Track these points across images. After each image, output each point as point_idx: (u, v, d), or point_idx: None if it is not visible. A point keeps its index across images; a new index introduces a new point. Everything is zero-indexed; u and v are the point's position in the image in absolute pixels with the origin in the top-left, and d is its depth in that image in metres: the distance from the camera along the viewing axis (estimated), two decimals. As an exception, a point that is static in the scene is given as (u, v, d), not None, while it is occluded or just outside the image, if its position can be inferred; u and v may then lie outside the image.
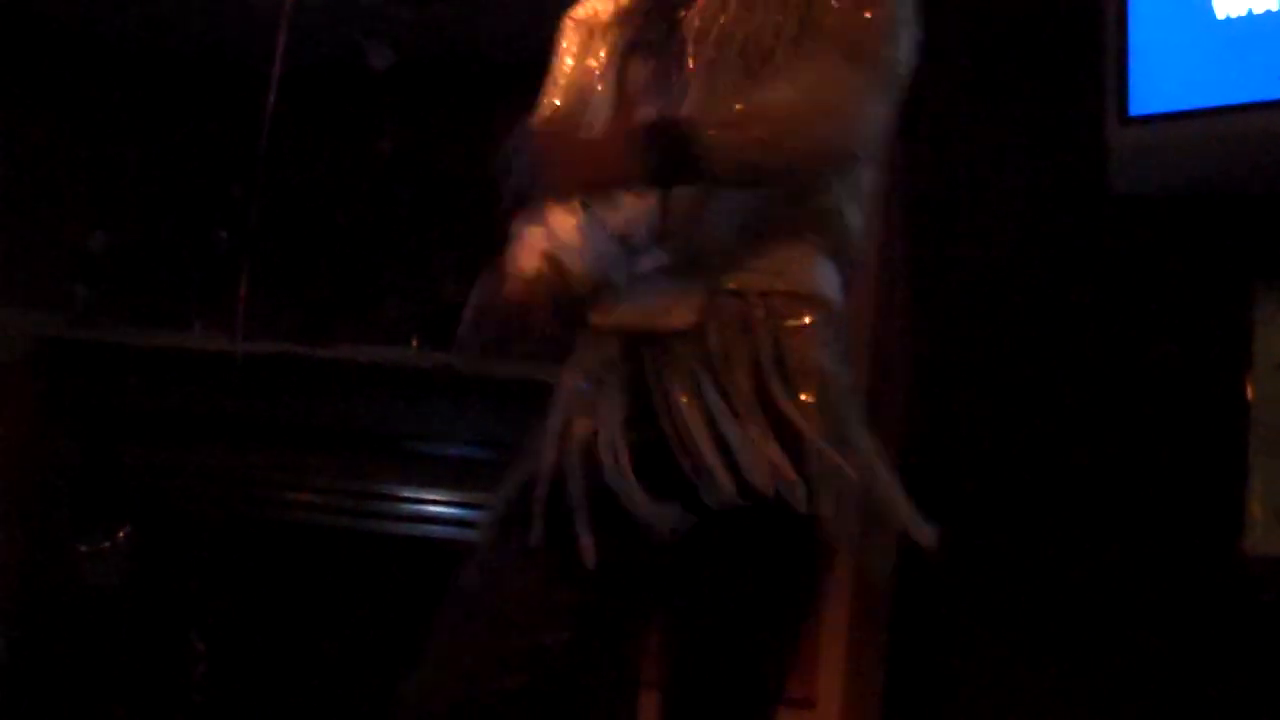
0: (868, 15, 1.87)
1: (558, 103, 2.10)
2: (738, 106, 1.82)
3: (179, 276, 4.00)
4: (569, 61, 2.12)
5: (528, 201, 1.97)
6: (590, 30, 2.11)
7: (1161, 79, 3.25)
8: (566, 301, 2.01)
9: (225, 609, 4.01)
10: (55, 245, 4.02)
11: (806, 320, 1.91)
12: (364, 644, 4.04)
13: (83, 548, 3.81)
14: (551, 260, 2.01)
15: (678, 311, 1.91)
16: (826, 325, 1.94)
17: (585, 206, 1.98)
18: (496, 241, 3.88)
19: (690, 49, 1.93)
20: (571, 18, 2.14)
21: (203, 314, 3.94)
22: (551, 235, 2.02)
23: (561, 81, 2.13)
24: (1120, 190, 3.40)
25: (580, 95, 2.07)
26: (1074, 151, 3.58)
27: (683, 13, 1.96)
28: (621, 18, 2.06)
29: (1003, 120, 3.77)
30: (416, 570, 4.06)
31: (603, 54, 2.07)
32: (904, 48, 1.91)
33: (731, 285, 1.91)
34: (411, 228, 4.00)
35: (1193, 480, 3.46)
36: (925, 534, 1.87)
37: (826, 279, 1.97)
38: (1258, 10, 3.14)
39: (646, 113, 1.89)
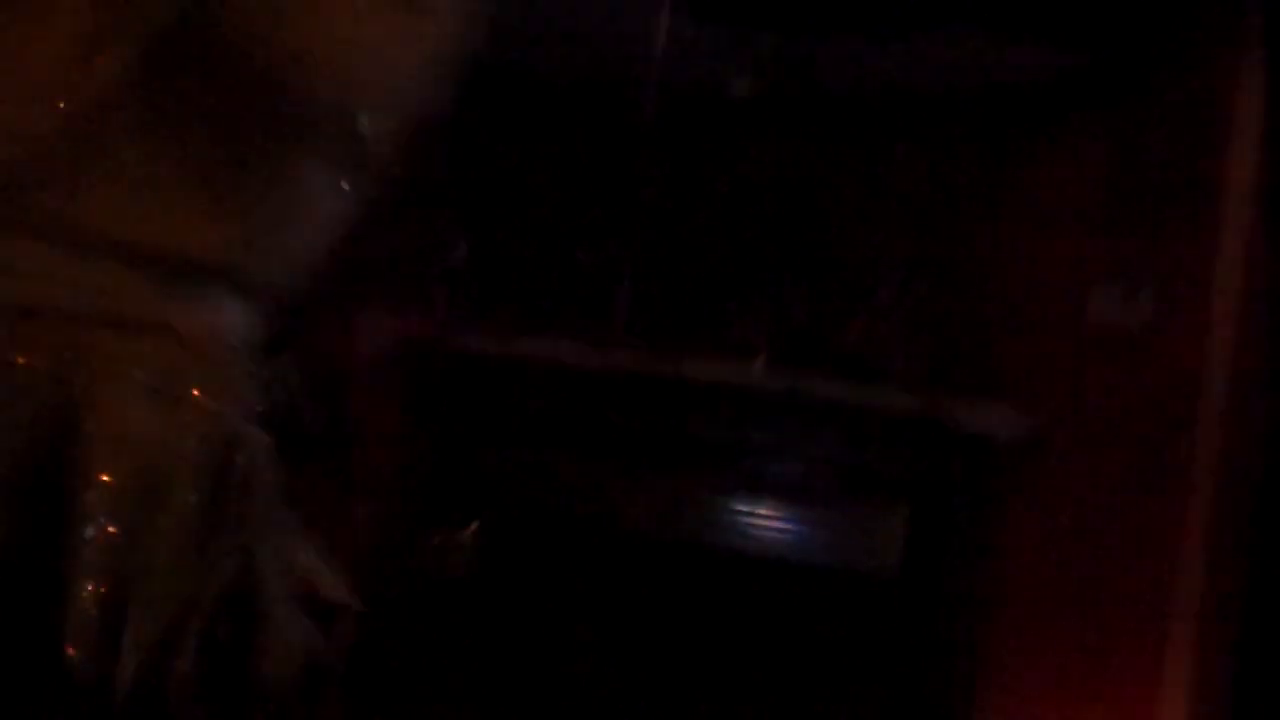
0: None
1: None
2: None
3: (537, 289, 4.14)
4: None
5: None
6: None
7: None
8: None
9: (565, 611, 4.16)
10: (421, 252, 4.20)
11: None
12: (696, 655, 4.15)
13: (434, 540, 3.98)
14: None
15: None
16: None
17: None
18: (848, 270, 3.96)
19: None
20: None
21: (560, 326, 4.07)
22: None
23: None
24: None
25: None
26: None
27: None
28: None
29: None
30: (750, 585, 4.15)
31: None
32: None
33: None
34: (767, 250, 4.07)
35: None
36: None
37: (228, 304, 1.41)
38: None
39: None
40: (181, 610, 1.27)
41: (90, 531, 1.22)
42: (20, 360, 1.24)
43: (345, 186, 1.53)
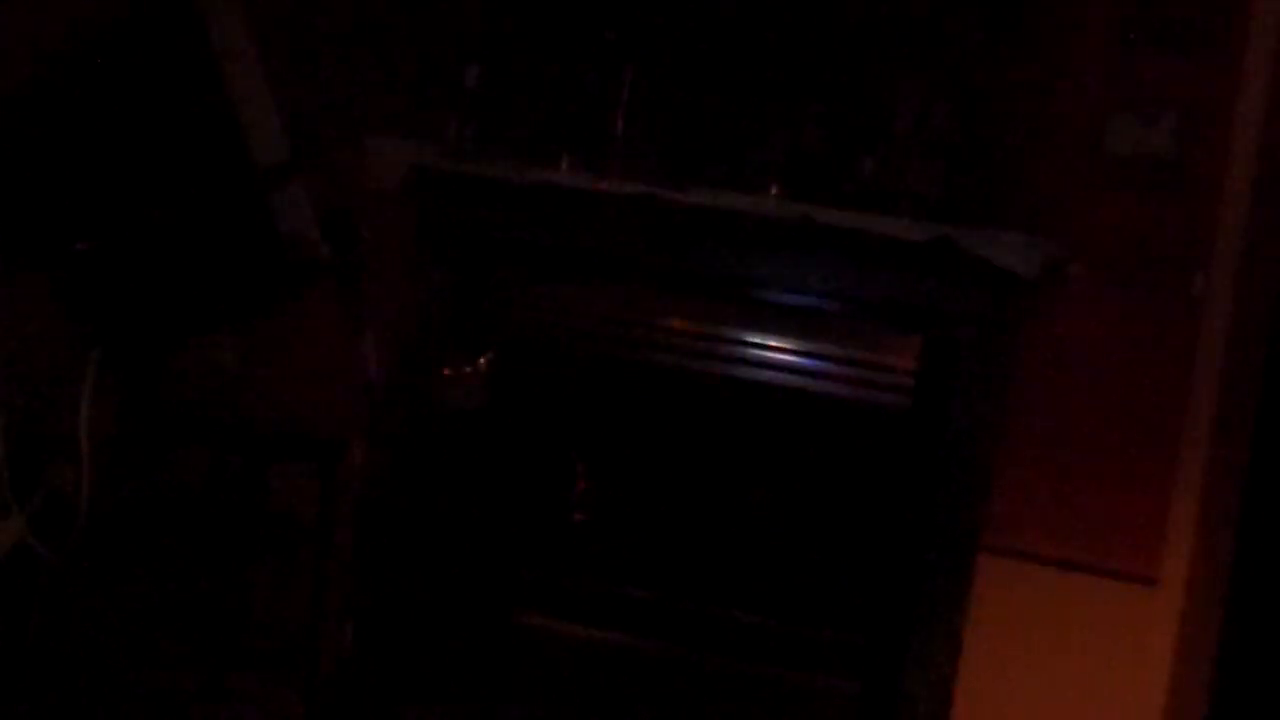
0: None
1: None
2: None
3: (550, 113, 4.09)
4: None
5: None
6: None
7: None
8: None
9: (580, 437, 4.18)
10: (432, 78, 4.14)
11: None
12: (708, 489, 4.17)
13: (446, 371, 3.97)
14: None
15: None
16: None
17: None
18: (863, 99, 3.90)
19: None
20: None
21: (572, 151, 4.02)
22: None
23: None
24: None
25: None
26: None
27: None
28: None
29: None
30: (759, 414, 4.15)
31: None
32: None
33: None
34: (779, 77, 4.01)
35: None
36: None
37: None
38: None
39: None
40: None
41: None
42: None
43: None
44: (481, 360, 3.96)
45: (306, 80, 4.06)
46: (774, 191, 3.92)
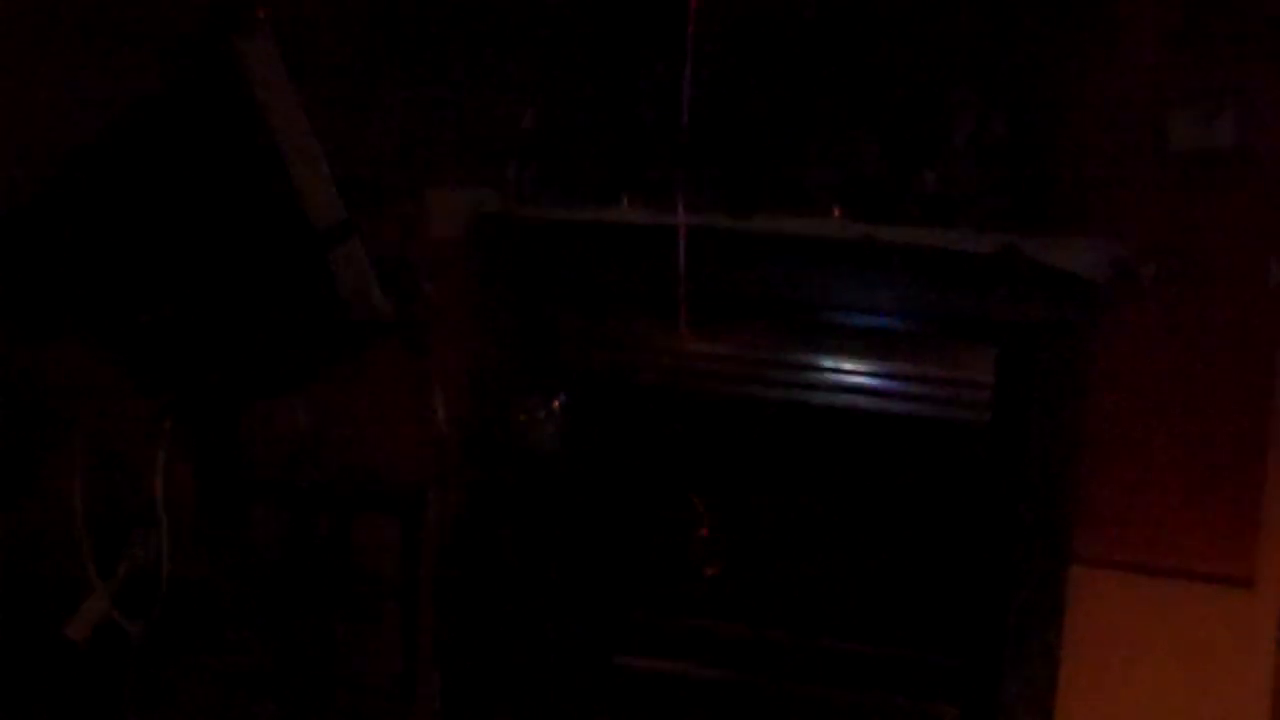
0: None
1: None
2: None
3: (608, 151, 4.09)
4: None
5: None
6: None
7: None
8: None
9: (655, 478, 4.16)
10: (489, 124, 4.15)
11: None
12: (790, 510, 4.14)
13: (522, 416, 3.97)
14: None
15: None
16: None
17: None
18: (920, 112, 3.86)
19: None
20: None
21: (632, 188, 4.02)
22: None
23: None
24: None
25: None
26: None
27: None
28: None
29: None
30: (839, 439, 4.13)
31: None
32: None
33: None
34: (833, 99, 3.98)
35: None
36: None
37: None
38: None
39: None
40: None
41: None
42: None
43: None
44: (555, 403, 3.95)
45: (364, 135, 4.09)
46: (836, 214, 3.90)
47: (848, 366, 4.08)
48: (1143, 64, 3.77)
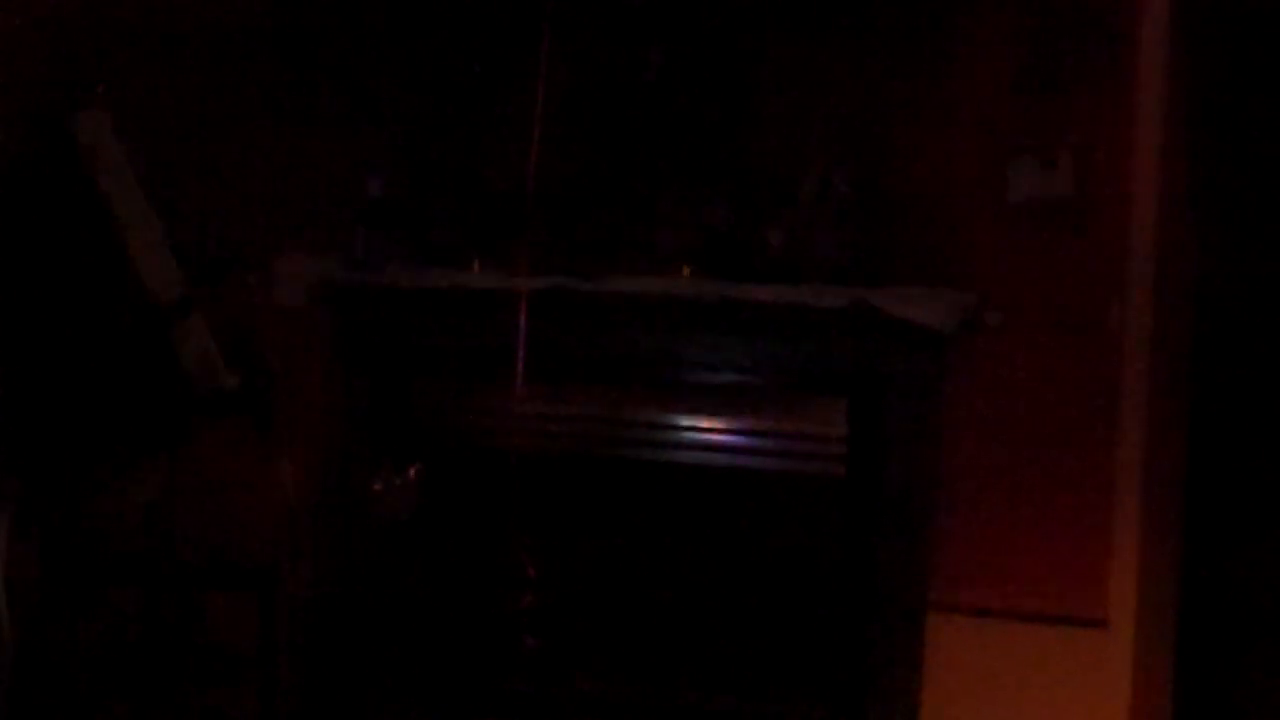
0: None
1: None
2: None
3: (456, 217, 4.08)
4: None
5: None
6: None
7: None
8: None
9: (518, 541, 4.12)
10: (335, 191, 4.12)
11: None
12: (647, 568, 4.13)
13: (376, 485, 3.93)
14: None
15: None
16: None
17: None
18: (765, 176, 3.90)
19: None
20: None
21: (480, 252, 4.01)
22: None
23: None
24: None
25: None
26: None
27: None
28: None
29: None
30: (696, 497, 4.13)
31: None
32: None
33: None
34: (680, 159, 4.01)
35: None
36: None
37: None
38: None
39: None
40: None
41: None
42: None
43: None
44: (410, 471, 3.92)
45: (209, 205, 4.04)
46: (686, 272, 3.92)
47: (703, 424, 4.09)
48: (982, 115, 3.84)
